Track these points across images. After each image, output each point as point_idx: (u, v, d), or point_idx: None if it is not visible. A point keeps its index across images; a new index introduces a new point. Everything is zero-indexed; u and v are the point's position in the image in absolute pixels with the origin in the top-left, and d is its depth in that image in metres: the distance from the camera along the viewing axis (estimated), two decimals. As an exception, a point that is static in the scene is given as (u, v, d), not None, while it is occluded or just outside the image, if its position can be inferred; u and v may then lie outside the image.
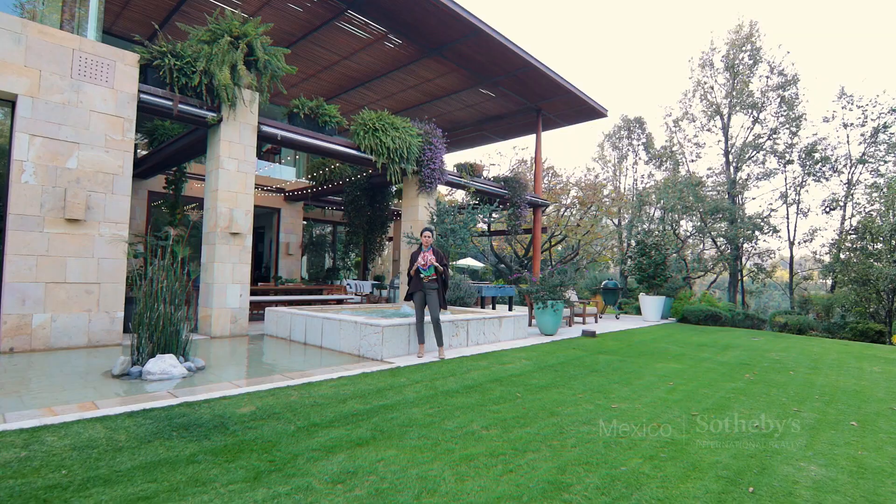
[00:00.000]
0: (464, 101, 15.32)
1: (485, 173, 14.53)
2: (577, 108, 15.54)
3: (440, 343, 6.29)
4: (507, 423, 3.90)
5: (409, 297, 6.50)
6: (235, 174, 8.03)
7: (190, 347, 5.44)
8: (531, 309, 10.87)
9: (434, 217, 10.95)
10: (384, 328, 6.04)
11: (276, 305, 11.39)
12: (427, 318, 6.40)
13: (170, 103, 7.31)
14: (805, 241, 18.87)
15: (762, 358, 7.75)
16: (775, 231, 17.92)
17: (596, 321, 12.16)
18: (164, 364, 4.96)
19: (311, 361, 6.15)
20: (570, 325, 10.93)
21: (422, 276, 6.32)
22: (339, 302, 11.93)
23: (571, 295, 11.42)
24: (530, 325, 10.09)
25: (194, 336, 7.76)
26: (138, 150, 12.12)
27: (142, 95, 7.10)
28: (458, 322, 7.20)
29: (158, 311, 5.11)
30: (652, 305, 13.10)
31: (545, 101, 14.97)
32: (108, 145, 6.82)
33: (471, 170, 12.81)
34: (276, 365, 6.01)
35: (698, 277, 19.91)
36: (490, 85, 13.95)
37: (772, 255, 21.43)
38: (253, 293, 10.84)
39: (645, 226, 20.34)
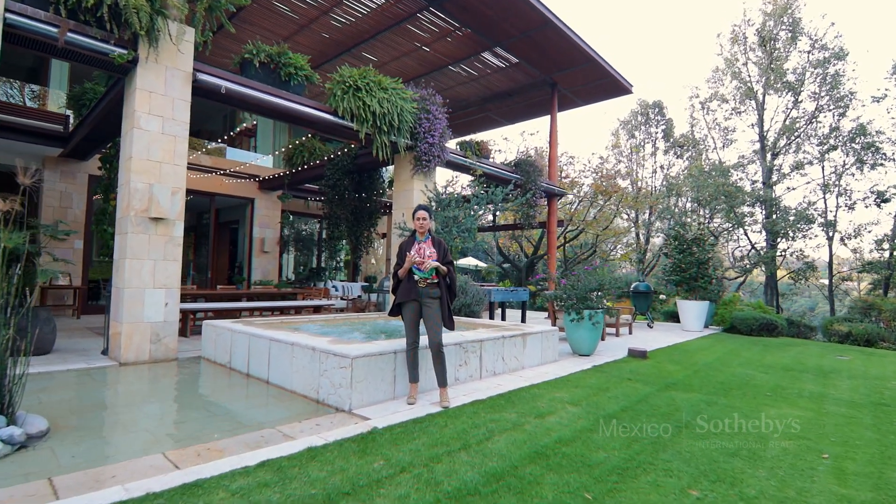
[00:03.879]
0: (467, 72, 13.14)
1: (492, 158, 12.33)
2: (599, 83, 13.36)
3: (443, 382, 4.10)
4: None
5: (395, 311, 4.30)
6: (159, 137, 5.82)
7: (20, 396, 3.24)
8: (553, 318, 8.71)
9: (433, 203, 8.77)
10: (354, 360, 3.84)
11: (239, 316, 9.20)
12: (423, 342, 4.22)
13: (54, 30, 5.10)
14: (851, 237, 16.67)
15: (892, 392, 5.57)
16: (830, 225, 15.73)
17: (630, 332, 9.98)
18: (-53, 438, 2.76)
19: (237, 415, 3.93)
20: (602, 339, 8.74)
21: (416, 278, 4.13)
22: (317, 310, 9.73)
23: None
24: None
25: (101, 363, 5.56)
26: (70, 122, 9.93)
27: (8, 16, 4.88)
28: (466, 345, 5.00)
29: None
30: (694, 312, 10.92)
31: (562, 73, 12.80)
32: (-49, 85, 4.60)
33: (477, 149, 10.62)
34: (173, 425, 3.73)
35: (734, 279, 17.74)
36: (499, 51, 11.79)
37: (805, 255, 19.28)
38: (200, 299, 8.64)
39: (669, 219, 18.13)
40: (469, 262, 21.31)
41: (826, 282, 20.43)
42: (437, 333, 4.05)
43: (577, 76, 12.96)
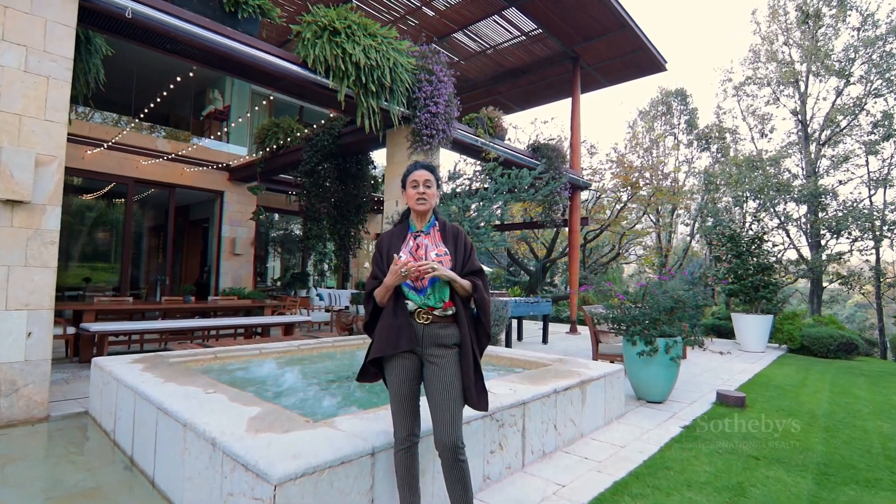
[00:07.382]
0: (477, 42, 11.16)
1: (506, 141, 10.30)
2: (630, 56, 11.35)
3: (467, 522, 2.03)
4: None
5: (371, 373, 2.19)
6: (18, 76, 3.79)
7: None
8: (595, 344, 6.67)
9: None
10: (279, 489, 1.79)
11: (190, 341, 7.17)
12: (426, 431, 2.16)
13: None
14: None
15: None
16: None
17: (685, 355, 7.93)
18: None
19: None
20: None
21: (411, 308, 2.07)
22: (288, 329, 7.68)
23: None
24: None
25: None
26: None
27: None
28: (501, 415, 2.94)
29: None
30: (755, 329, 8.90)
31: (587, 43, 10.80)
32: None
33: (490, 127, 8.60)
34: None
35: (786, 285, 15.72)
36: (515, 15, 9.82)
37: (847, 260, 17.22)
38: (105, 316, 6.60)
39: (711, 217, 16.13)
40: (473, 265, 19.24)
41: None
42: (452, 423, 1.95)
43: (604, 48, 10.98)
